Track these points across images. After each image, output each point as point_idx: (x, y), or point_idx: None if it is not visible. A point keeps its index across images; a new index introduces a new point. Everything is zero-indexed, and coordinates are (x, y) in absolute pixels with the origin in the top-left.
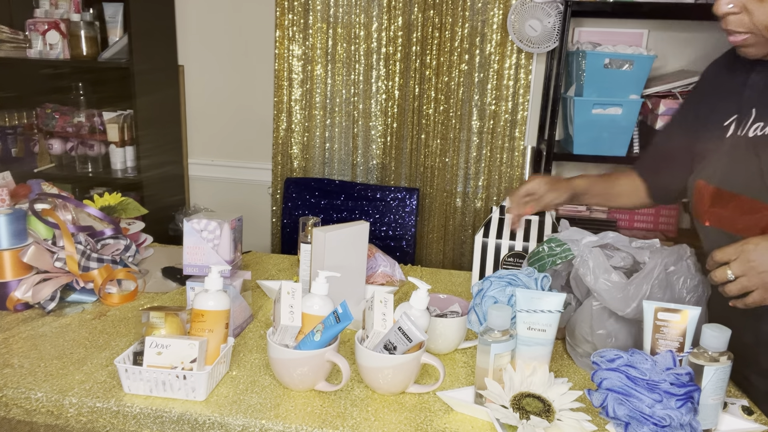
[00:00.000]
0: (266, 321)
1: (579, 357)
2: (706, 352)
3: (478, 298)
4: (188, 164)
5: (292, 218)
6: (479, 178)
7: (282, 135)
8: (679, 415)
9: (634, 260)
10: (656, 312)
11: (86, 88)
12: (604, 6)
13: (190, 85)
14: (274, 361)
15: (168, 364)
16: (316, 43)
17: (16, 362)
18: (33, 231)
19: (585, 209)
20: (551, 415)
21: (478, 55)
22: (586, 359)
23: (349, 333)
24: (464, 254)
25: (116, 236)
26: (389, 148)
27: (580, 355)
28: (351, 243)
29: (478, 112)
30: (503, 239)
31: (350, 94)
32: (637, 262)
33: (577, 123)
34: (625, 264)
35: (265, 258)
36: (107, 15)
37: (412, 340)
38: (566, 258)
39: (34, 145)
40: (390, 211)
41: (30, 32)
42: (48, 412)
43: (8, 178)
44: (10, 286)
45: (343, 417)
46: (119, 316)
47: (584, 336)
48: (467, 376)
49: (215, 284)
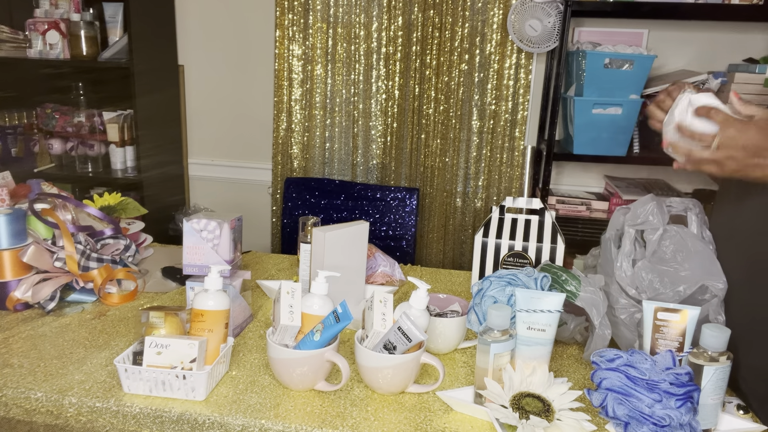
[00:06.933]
0: (266, 321)
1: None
2: (705, 351)
3: (478, 297)
4: (188, 164)
5: (292, 218)
6: (479, 178)
7: (282, 135)
8: (679, 415)
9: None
10: (656, 312)
11: (86, 88)
12: (604, 6)
13: (190, 85)
14: (274, 360)
15: (168, 364)
16: (316, 42)
17: (16, 362)
18: (33, 231)
19: (585, 209)
20: (551, 415)
21: (478, 55)
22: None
23: (349, 333)
24: (464, 254)
25: (116, 236)
26: (389, 148)
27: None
28: (351, 243)
29: (478, 112)
30: (503, 239)
31: (350, 93)
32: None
33: (577, 123)
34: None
35: (265, 258)
36: (107, 15)
37: (411, 340)
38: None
39: (34, 145)
40: (390, 211)
41: (30, 32)
42: (48, 412)
43: (8, 178)
44: (10, 285)
45: (342, 417)
46: (119, 316)
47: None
48: (467, 376)
49: (215, 284)
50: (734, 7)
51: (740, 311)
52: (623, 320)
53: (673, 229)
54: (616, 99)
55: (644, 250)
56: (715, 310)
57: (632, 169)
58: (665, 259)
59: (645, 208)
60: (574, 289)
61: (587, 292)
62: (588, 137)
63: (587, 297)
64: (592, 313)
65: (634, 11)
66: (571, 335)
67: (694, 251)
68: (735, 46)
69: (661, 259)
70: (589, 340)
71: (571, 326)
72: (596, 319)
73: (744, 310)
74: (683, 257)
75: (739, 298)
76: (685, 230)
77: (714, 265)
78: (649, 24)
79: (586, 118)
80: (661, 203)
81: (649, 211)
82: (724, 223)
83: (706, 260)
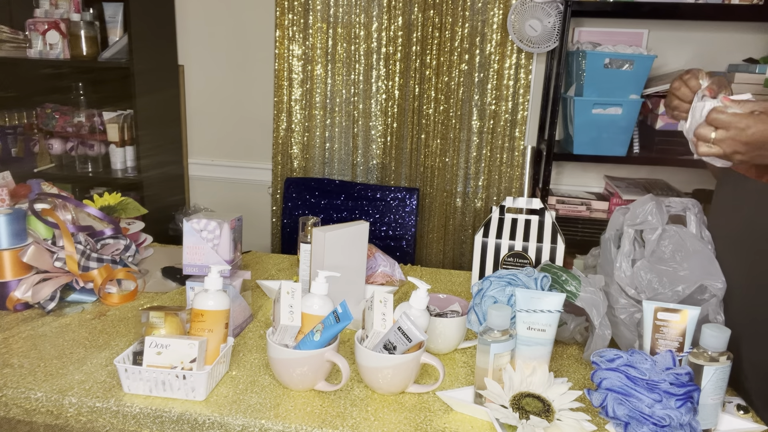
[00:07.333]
0: (266, 321)
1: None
2: (705, 351)
3: (478, 297)
4: (188, 164)
5: (292, 218)
6: (479, 178)
7: (282, 135)
8: (679, 415)
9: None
10: (656, 312)
11: (86, 88)
12: (604, 6)
13: (190, 85)
14: (274, 360)
15: (168, 364)
16: (316, 43)
17: (16, 362)
18: (33, 231)
19: (585, 209)
20: (551, 415)
21: (478, 55)
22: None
23: (349, 333)
24: (464, 254)
25: (116, 236)
26: (389, 148)
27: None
28: (351, 243)
29: (478, 112)
30: (503, 239)
31: (350, 94)
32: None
33: (577, 123)
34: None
35: (265, 258)
36: (107, 15)
37: (411, 340)
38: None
39: (34, 145)
40: (390, 211)
41: (30, 32)
42: (48, 412)
43: (8, 178)
44: (10, 286)
45: (342, 417)
46: (119, 316)
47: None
48: (467, 376)
49: (215, 284)
50: (734, 7)
51: (741, 310)
52: (623, 320)
53: (672, 229)
54: (616, 99)
55: (643, 250)
56: (714, 309)
57: (632, 169)
58: (664, 259)
59: (644, 208)
60: (574, 290)
61: (587, 292)
62: (588, 137)
63: (587, 297)
64: (592, 314)
65: (634, 11)
66: (571, 335)
67: (693, 251)
68: (735, 46)
69: (660, 259)
70: (589, 340)
71: (571, 326)
72: (596, 319)
73: (745, 310)
74: (682, 257)
75: (739, 297)
76: (684, 230)
77: (713, 264)
78: (649, 24)
79: (586, 118)
80: (660, 203)
81: (647, 211)
82: (723, 222)
83: (704, 260)
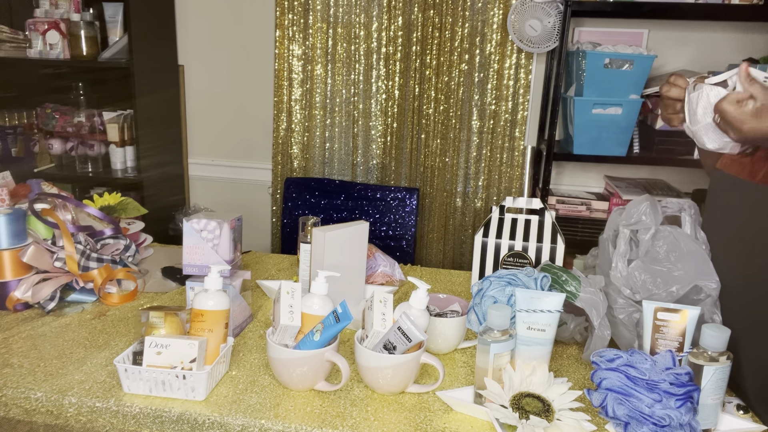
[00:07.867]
0: (266, 321)
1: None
2: (705, 351)
3: (478, 297)
4: (188, 164)
5: (292, 218)
6: (479, 178)
7: (282, 135)
8: (679, 415)
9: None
10: (656, 312)
11: (86, 88)
12: (604, 6)
13: (190, 85)
14: (274, 360)
15: (167, 364)
16: (316, 42)
17: (16, 362)
18: (33, 231)
19: (585, 209)
20: (551, 415)
21: (478, 55)
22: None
23: (349, 333)
24: (464, 254)
25: (116, 236)
26: (389, 148)
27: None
28: (351, 243)
29: (478, 112)
30: (503, 239)
31: (350, 93)
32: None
33: (577, 123)
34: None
35: (264, 258)
36: (107, 15)
37: (411, 340)
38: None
39: (34, 145)
40: (390, 211)
41: (30, 32)
42: (47, 412)
43: (8, 178)
44: (10, 285)
45: (342, 417)
46: (119, 315)
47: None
48: (467, 376)
49: (215, 284)
50: (734, 7)
51: (737, 311)
52: (622, 320)
53: (666, 230)
54: (616, 99)
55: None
56: (709, 309)
57: (632, 169)
58: (658, 259)
59: (638, 208)
60: (574, 290)
61: (587, 292)
62: (588, 137)
63: (587, 297)
64: (592, 314)
65: (634, 11)
66: (571, 335)
67: (687, 251)
68: (735, 46)
69: (654, 260)
70: (588, 340)
71: (571, 326)
72: (596, 319)
73: (741, 310)
74: (676, 257)
75: (736, 297)
76: (678, 230)
77: (707, 265)
78: (649, 24)
79: (586, 118)
80: (656, 203)
81: (642, 211)
82: (717, 222)
83: (699, 260)
